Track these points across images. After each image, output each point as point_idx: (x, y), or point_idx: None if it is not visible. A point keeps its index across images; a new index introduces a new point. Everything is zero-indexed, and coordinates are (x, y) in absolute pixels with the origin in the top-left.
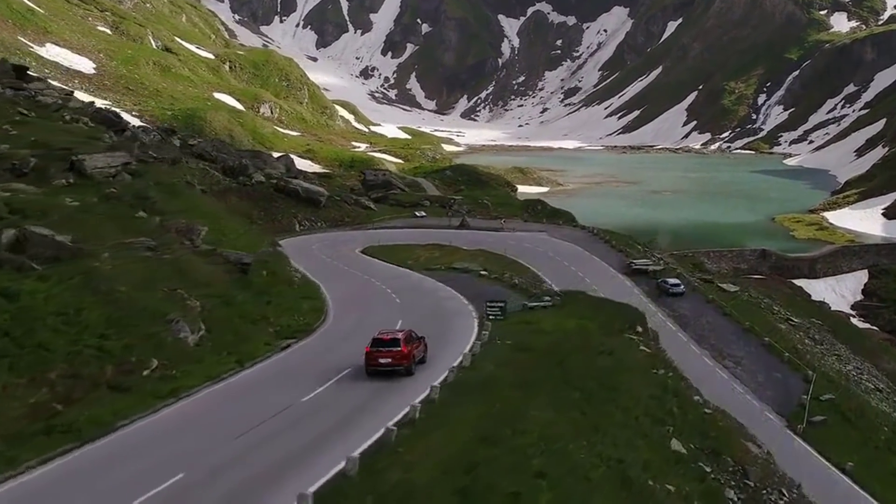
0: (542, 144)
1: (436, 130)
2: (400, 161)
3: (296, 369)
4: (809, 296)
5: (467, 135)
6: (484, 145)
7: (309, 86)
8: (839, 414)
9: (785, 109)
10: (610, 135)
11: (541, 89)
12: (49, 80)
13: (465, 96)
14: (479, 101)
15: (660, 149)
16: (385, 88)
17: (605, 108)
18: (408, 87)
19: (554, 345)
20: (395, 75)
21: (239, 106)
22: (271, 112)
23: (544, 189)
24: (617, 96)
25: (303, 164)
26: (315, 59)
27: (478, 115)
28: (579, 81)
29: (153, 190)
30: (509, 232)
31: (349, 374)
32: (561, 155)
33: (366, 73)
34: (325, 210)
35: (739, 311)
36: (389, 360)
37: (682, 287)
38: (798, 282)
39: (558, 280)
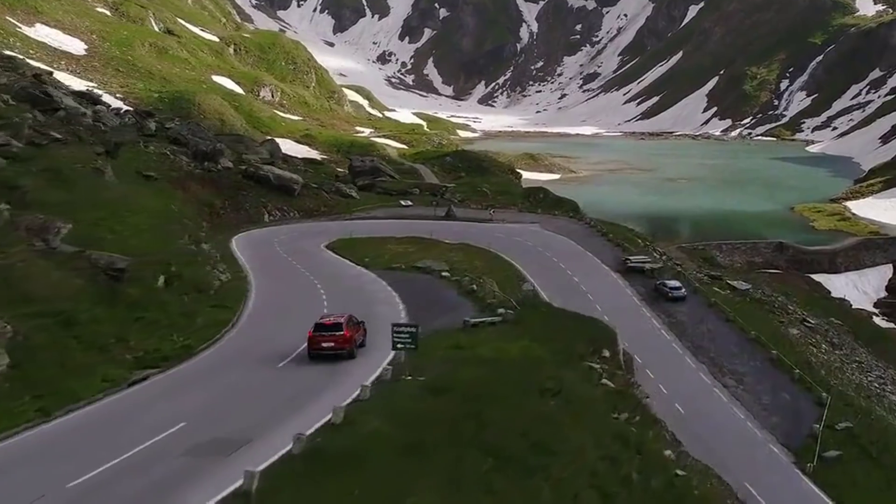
0: (560, 130)
1: (452, 116)
2: (404, 146)
3: (116, 423)
4: (829, 292)
5: (484, 121)
6: (500, 131)
7: (316, 69)
8: (858, 447)
9: (808, 95)
10: (628, 121)
11: (559, 75)
12: (27, 60)
13: (483, 82)
14: (496, 86)
15: (679, 135)
16: (402, 74)
17: (624, 94)
18: (425, 72)
19: (482, 382)
20: (412, 61)
21: (238, 89)
22: (272, 95)
23: (556, 176)
24: (636, 82)
25: (299, 150)
26: (332, 45)
27: (495, 101)
28: (598, 67)
29: (31, 177)
30: (499, 223)
31: (172, 436)
32: (577, 141)
33: (383, 59)
34: (300, 199)
35: (746, 316)
36: (332, 344)
37: (684, 291)
38: (817, 277)
39: (543, 279)
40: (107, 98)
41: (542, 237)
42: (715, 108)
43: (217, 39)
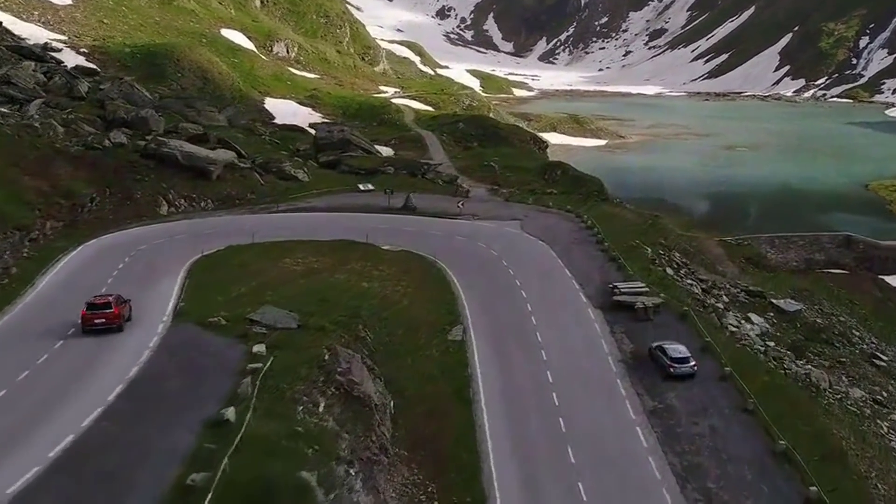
0: (620, 90)
1: (510, 74)
2: (429, 108)
3: None
4: None
5: (543, 79)
6: (558, 90)
7: (352, 23)
8: None
9: (889, 53)
10: (695, 80)
11: (624, 31)
12: None
13: (545, 38)
14: (558, 43)
15: (747, 96)
16: (461, 29)
17: (692, 52)
18: (485, 28)
19: None
20: (472, 16)
21: (248, 44)
22: (287, 51)
23: (601, 142)
24: (705, 38)
25: (300, 112)
26: None
27: (556, 59)
28: (666, 23)
29: None
30: (468, 219)
31: None
32: (637, 102)
33: (442, 14)
34: (219, 183)
35: (778, 395)
36: (104, 320)
37: (693, 364)
38: (893, 279)
39: (486, 317)
40: (66, 54)
41: (515, 243)
42: (787, 67)
43: None
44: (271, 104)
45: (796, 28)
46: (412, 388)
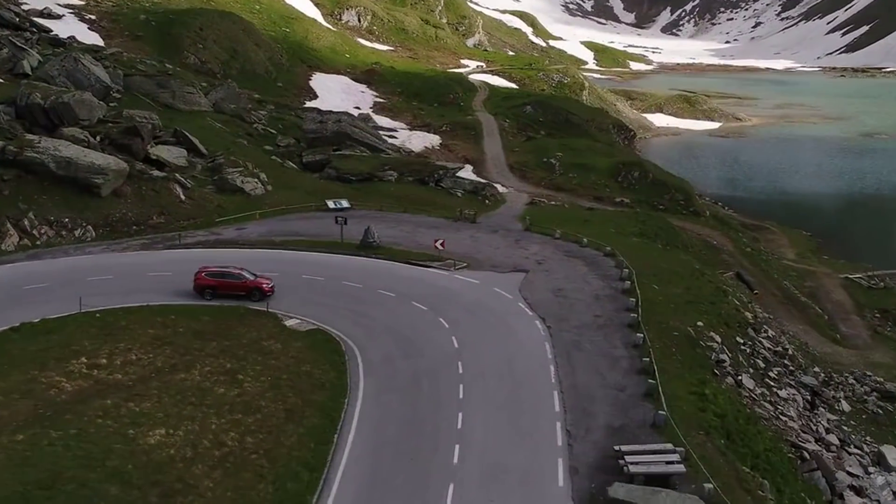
0: (747, 64)
1: (628, 47)
2: (511, 85)
3: None
4: None
5: (664, 51)
6: (678, 64)
7: None
8: None
9: None
10: (830, 54)
11: (755, 0)
12: None
13: (668, 8)
14: (683, 13)
15: (889, 72)
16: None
17: (828, 23)
18: None
19: None
20: None
21: (312, 12)
22: (359, 20)
23: (713, 125)
24: (843, 9)
25: (352, 90)
26: None
27: (680, 30)
28: None
29: None
30: (446, 269)
31: None
32: (763, 77)
33: None
34: (115, 201)
35: None
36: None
37: None
38: None
39: None
40: (66, 22)
41: (495, 324)
42: None
43: None
44: (318, 81)
45: None
46: None
